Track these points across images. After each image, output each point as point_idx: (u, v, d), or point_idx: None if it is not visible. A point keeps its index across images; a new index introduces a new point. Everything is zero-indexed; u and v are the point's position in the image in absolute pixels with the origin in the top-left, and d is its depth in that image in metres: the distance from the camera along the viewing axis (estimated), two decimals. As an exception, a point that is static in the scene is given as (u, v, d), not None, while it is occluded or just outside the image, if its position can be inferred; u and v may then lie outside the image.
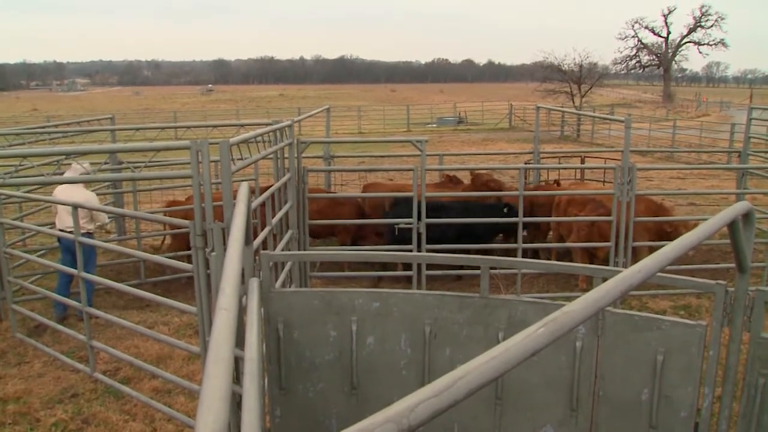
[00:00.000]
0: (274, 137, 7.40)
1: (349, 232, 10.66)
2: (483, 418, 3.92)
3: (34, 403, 6.50)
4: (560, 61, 55.77)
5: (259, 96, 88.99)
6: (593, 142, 33.13)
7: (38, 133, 11.02)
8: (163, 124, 15.00)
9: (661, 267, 2.10)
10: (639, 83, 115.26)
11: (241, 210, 3.07)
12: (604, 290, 1.79)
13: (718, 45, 74.03)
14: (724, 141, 25.59)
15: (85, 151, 8.32)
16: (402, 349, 3.94)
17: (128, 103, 74.71)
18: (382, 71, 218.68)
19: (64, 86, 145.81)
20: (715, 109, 55.56)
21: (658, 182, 18.93)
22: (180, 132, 12.20)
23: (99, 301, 9.09)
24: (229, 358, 1.50)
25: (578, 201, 10.13)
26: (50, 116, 42.27)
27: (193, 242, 5.03)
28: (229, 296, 1.90)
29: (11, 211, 10.92)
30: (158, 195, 13.92)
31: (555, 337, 1.56)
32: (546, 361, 3.72)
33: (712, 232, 2.57)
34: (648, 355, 3.59)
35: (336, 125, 34.06)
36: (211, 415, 1.24)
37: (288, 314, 3.93)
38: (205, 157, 4.96)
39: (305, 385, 4.04)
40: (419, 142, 8.96)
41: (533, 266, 8.08)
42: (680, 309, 8.99)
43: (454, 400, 1.29)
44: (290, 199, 8.29)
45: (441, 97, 77.99)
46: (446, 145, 30.51)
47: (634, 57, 77.28)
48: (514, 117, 45.26)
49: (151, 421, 6.14)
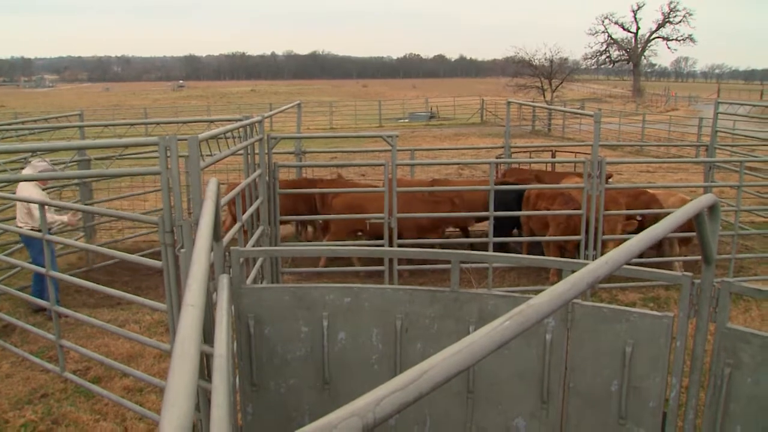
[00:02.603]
0: (244, 133, 7.36)
1: (439, 229, 10.55)
2: (455, 411, 3.94)
3: (2, 404, 6.41)
4: (531, 57, 56.27)
5: (231, 92, 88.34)
6: (564, 136, 33.33)
7: (5, 130, 10.86)
8: (133, 121, 14.86)
9: (628, 259, 2.12)
10: (609, 78, 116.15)
11: (209, 206, 3.04)
12: (570, 282, 1.80)
13: (687, 40, 75.27)
14: (693, 135, 25.90)
15: (52, 147, 8.20)
16: (373, 343, 3.95)
17: (98, 99, 73.81)
18: (353, 67, 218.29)
19: (31, 82, 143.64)
20: (684, 104, 56.20)
21: (628, 176, 19.10)
22: (150, 128, 12.11)
23: (69, 300, 8.99)
24: (195, 354, 1.49)
25: (548, 195, 10.20)
26: (17, 113, 41.63)
27: (161, 239, 4.99)
28: (196, 292, 1.89)
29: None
30: (128, 191, 13.79)
31: (521, 329, 1.57)
32: (516, 354, 3.74)
33: (678, 223, 2.60)
34: (617, 347, 3.63)
35: (307, 121, 33.95)
36: (176, 411, 1.23)
37: (259, 310, 3.91)
38: (174, 153, 4.92)
39: (277, 381, 4.03)
40: (390, 138, 8.96)
41: (503, 260, 8.11)
42: (649, 301, 9.10)
43: (419, 393, 1.29)
44: (261, 195, 8.25)
45: (413, 92, 78.00)
46: (418, 141, 30.54)
47: (604, 52, 78.17)
48: (486, 112, 45.38)
49: (122, 420, 6.09)
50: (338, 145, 20.30)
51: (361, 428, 1.16)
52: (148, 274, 10.08)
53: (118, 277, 10.24)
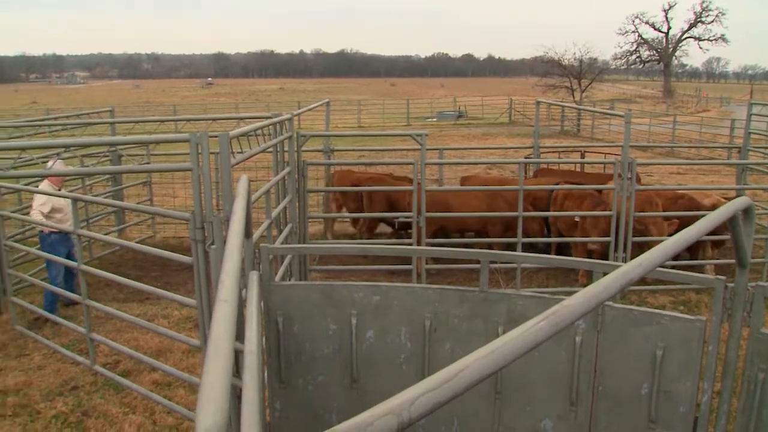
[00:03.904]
0: (273, 130, 7.40)
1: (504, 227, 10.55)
2: (483, 412, 3.92)
3: (34, 395, 6.51)
4: (560, 56, 55.96)
5: (259, 90, 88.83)
6: (593, 137, 33.04)
7: (38, 125, 11.01)
8: (162, 117, 14.99)
9: (662, 261, 2.10)
10: (639, 78, 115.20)
11: (240, 203, 3.06)
12: (603, 284, 1.78)
13: (719, 40, 74.04)
14: (724, 137, 25.57)
15: (84, 143, 8.30)
16: (402, 342, 3.94)
17: (128, 96, 74.58)
18: (382, 65, 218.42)
19: (63, 79, 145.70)
20: (715, 105, 55.51)
21: (658, 177, 18.90)
22: (179, 125, 12.19)
23: (99, 294, 9.09)
24: (229, 351, 1.50)
25: (576, 195, 10.11)
26: (50, 109, 42.19)
27: (192, 235, 5.03)
28: (229, 288, 1.90)
29: (11, 203, 10.91)
30: (158, 188, 13.92)
31: (555, 330, 1.56)
32: (546, 356, 3.72)
33: (713, 226, 2.56)
34: (647, 350, 3.60)
35: (336, 119, 33.98)
36: (211, 408, 1.24)
37: (288, 307, 3.92)
38: (204, 149, 4.96)
39: (305, 378, 4.04)
40: (419, 136, 8.95)
41: (533, 260, 8.07)
42: (679, 304, 8.99)
43: (454, 392, 1.28)
44: (290, 193, 8.28)
45: (441, 91, 77.88)
46: (446, 140, 30.46)
47: (634, 52, 77.26)
48: (514, 112, 45.17)
49: (150, 414, 6.15)
50: (366, 143, 20.31)
51: (396, 427, 1.16)
52: (177, 269, 10.17)
53: (147, 272, 10.34)
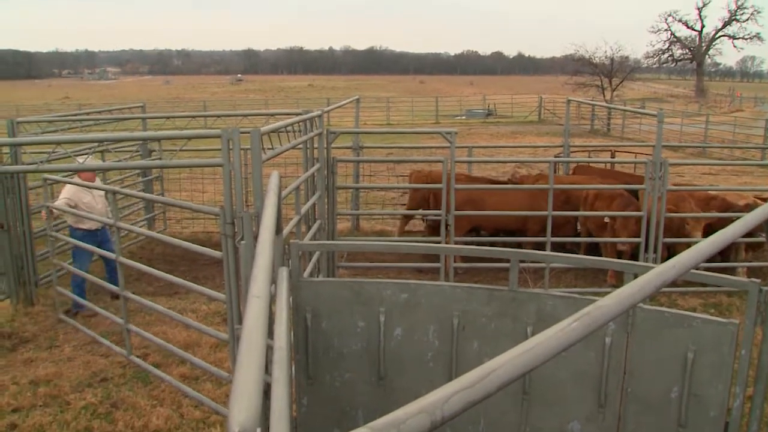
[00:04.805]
0: (303, 127, 7.43)
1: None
2: (510, 412, 3.90)
3: (64, 386, 6.61)
4: (591, 54, 55.62)
5: (288, 86, 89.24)
6: (623, 136, 32.75)
7: (70, 120, 11.16)
8: (193, 113, 15.12)
9: (697, 263, 2.07)
10: (671, 77, 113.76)
11: (272, 199, 3.07)
12: (638, 285, 1.76)
13: (754, 39, 72.85)
14: (758, 137, 25.24)
15: (117, 138, 8.41)
16: (430, 340, 3.93)
17: (158, 92, 75.35)
18: (411, 62, 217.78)
19: (95, 75, 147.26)
20: (749, 105, 54.76)
21: (690, 178, 18.66)
22: (210, 121, 12.30)
23: (129, 287, 9.17)
24: (262, 346, 1.51)
25: (606, 195, 10.03)
26: (82, 104, 42.82)
27: (222, 230, 5.06)
28: (262, 284, 1.91)
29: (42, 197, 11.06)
30: (187, 184, 14.05)
31: (588, 331, 1.54)
32: (575, 357, 3.69)
33: (749, 228, 2.52)
34: (678, 353, 3.55)
35: (365, 116, 34.04)
36: (245, 403, 1.25)
37: (316, 304, 3.93)
38: (236, 145, 4.99)
39: (332, 374, 4.05)
40: (449, 134, 8.93)
41: (563, 260, 8.02)
42: (710, 307, 8.88)
43: (486, 392, 1.28)
44: (319, 189, 8.31)
45: (470, 89, 77.69)
46: (475, 138, 30.36)
47: (666, 51, 76.31)
48: (544, 110, 44.92)
49: (178, 407, 6.21)
50: (395, 141, 20.31)
51: (430, 425, 1.15)
52: (205, 264, 10.25)
53: (175, 266, 10.44)
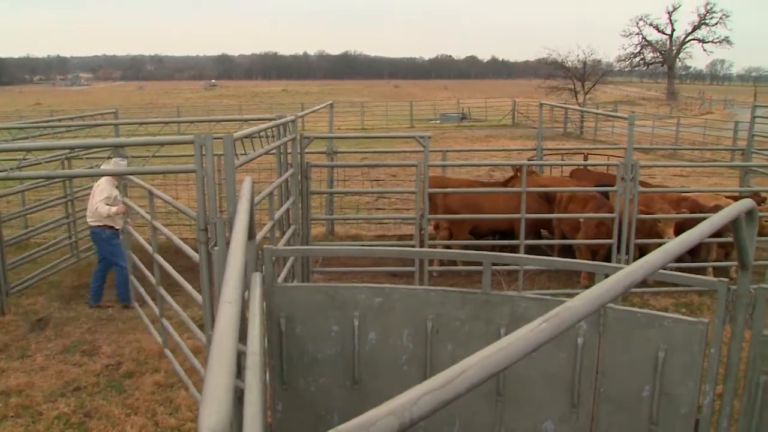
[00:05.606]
0: (277, 132, 7.41)
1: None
2: (484, 413, 3.92)
3: (36, 396, 6.52)
4: (564, 58, 56.09)
5: (262, 91, 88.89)
6: (596, 139, 33.02)
7: (42, 127, 11.05)
8: (166, 119, 15.03)
9: (665, 263, 2.10)
10: (643, 81, 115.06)
11: (244, 204, 3.07)
12: (606, 286, 1.79)
13: (723, 43, 73.84)
14: (728, 139, 25.49)
15: (88, 144, 8.33)
16: (404, 344, 3.95)
17: (131, 98, 74.78)
18: (385, 67, 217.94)
19: (67, 80, 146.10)
20: (719, 107, 55.44)
21: (661, 179, 18.85)
22: (183, 127, 12.24)
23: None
24: (233, 351, 1.51)
25: (580, 198, 10.13)
26: (54, 110, 42.35)
27: (196, 236, 5.04)
28: (233, 289, 1.91)
29: (14, 204, 10.95)
30: (160, 190, 13.93)
31: (557, 332, 1.56)
32: (547, 357, 3.72)
33: (716, 228, 2.57)
34: (649, 352, 3.59)
35: (339, 121, 33.99)
36: (215, 407, 1.25)
37: (290, 309, 3.93)
38: (208, 151, 4.98)
39: (307, 379, 4.05)
40: (422, 138, 8.96)
41: (535, 262, 8.08)
42: (682, 307, 8.99)
43: (456, 393, 1.29)
44: (293, 195, 8.30)
45: (444, 93, 77.85)
46: (449, 142, 30.46)
47: (638, 54, 77.12)
48: (518, 114, 45.19)
49: (152, 415, 6.16)
50: (370, 145, 20.31)
51: (398, 427, 1.16)
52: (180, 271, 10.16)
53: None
